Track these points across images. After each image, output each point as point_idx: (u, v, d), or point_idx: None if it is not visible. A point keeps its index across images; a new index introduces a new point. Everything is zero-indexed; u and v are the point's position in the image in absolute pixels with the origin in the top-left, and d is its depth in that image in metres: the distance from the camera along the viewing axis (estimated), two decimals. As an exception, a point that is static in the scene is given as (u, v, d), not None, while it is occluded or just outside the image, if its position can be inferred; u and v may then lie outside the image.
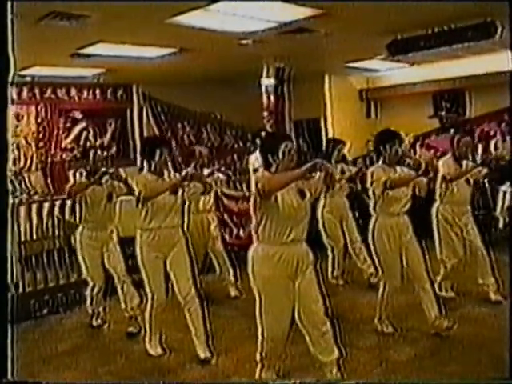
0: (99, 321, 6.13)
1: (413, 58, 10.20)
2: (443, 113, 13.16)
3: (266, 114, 11.55)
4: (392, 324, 5.52)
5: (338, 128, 13.15)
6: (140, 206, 5.02)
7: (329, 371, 4.17)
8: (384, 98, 13.98)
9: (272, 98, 11.48)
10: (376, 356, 5.00)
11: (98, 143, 12.16)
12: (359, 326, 5.62)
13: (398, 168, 5.38)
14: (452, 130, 11.96)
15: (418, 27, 8.38)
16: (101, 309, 6.10)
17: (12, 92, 7.55)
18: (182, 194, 5.12)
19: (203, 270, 6.67)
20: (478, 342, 5.20)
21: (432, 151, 11.59)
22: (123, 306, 5.89)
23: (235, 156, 12.79)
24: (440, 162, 6.49)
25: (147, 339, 5.24)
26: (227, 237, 8.32)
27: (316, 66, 11.42)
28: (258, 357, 4.28)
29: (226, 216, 8.54)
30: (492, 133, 11.73)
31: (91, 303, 6.08)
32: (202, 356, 5.00)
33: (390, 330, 5.48)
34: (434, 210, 6.53)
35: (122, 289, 5.87)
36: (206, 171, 6.59)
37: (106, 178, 5.74)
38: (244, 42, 8.81)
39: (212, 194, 6.64)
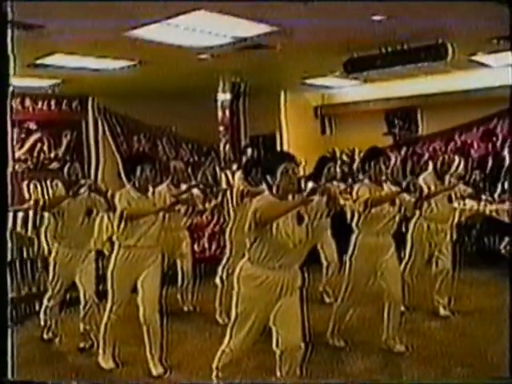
0: (50, 334, 6.00)
1: (367, 76, 10.41)
2: (396, 130, 13.37)
3: (221, 128, 11.62)
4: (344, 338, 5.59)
5: (294, 144, 13.23)
6: (123, 222, 4.91)
7: None
8: (339, 115, 14.12)
9: (228, 112, 11.55)
10: (328, 370, 5.05)
11: (52, 155, 12.02)
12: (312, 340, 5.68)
13: (385, 186, 5.36)
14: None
15: (373, 46, 8.54)
16: (53, 321, 5.96)
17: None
18: (164, 214, 5.09)
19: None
20: (428, 355, 5.31)
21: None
22: (81, 324, 5.72)
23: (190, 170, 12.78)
24: (421, 178, 6.61)
25: (101, 352, 5.19)
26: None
27: (272, 81, 11.50)
28: (214, 368, 4.17)
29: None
30: (444, 150, 11.99)
31: (45, 314, 5.90)
32: (155, 373, 4.97)
33: (342, 344, 5.54)
34: (411, 224, 6.62)
35: (85, 307, 5.62)
36: (183, 187, 6.51)
37: (83, 191, 5.53)
38: (202, 56, 8.84)
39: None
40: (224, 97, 11.48)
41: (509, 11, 4.22)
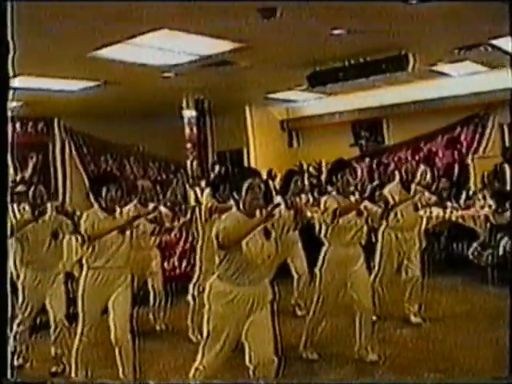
0: (21, 360, 5.89)
1: (331, 88, 10.52)
2: (363, 141, 13.51)
3: (189, 145, 11.64)
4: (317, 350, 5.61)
5: (261, 158, 13.32)
6: (86, 243, 4.84)
7: None
8: (305, 128, 14.24)
9: (194, 129, 11.58)
10: (302, 383, 5.07)
11: (18, 177, 11.90)
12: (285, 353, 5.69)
13: (352, 198, 5.37)
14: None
15: (335, 59, 8.66)
16: (24, 347, 5.87)
17: None
18: (131, 233, 5.03)
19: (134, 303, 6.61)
20: (400, 363, 5.36)
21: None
22: (52, 348, 5.64)
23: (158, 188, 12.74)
24: (386, 188, 6.69)
25: (73, 375, 5.12)
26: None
27: (237, 97, 11.61)
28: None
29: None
30: (410, 159, 12.12)
31: (15, 340, 5.80)
32: (129, 395, 4.93)
33: (315, 357, 5.57)
34: (379, 234, 6.67)
35: (55, 331, 5.53)
36: (150, 206, 6.45)
37: (50, 213, 5.48)
38: (166, 74, 8.88)
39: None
40: (190, 114, 11.50)
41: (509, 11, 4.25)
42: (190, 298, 6.43)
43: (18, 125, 11.96)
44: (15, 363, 5.78)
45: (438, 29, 7.11)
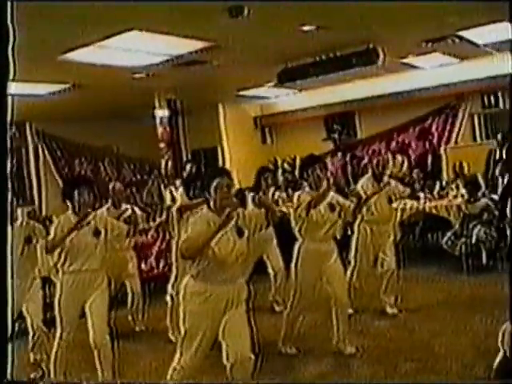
0: None
1: (302, 84, 10.57)
2: (336, 135, 13.56)
3: (162, 145, 11.62)
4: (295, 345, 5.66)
5: (236, 155, 13.35)
6: (57, 249, 4.83)
7: None
8: (278, 124, 14.29)
9: (167, 129, 11.56)
10: (281, 377, 5.11)
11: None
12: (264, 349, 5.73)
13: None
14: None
15: (305, 55, 8.70)
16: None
17: None
18: (106, 235, 5.02)
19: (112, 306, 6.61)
20: (378, 354, 5.43)
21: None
22: (31, 354, 5.63)
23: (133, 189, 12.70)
24: (359, 182, 6.75)
25: (52, 379, 5.11)
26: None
27: (209, 95, 11.62)
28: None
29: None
30: (383, 151, 12.23)
31: None
32: (109, 397, 4.94)
33: (294, 351, 5.62)
34: (355, 228, 6.73)
35: (33, 336, 5.52)
36: (124, 207, 6.50)
37: (22, 219, 5.49)
38: (137, 75, 8.87)
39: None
40: (162, 114, 11.48)
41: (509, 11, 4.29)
42: (168, 298, 6.44)
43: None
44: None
45: (405, 22, 7.18)
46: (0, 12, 3.38)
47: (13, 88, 8.72)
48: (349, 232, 7.04)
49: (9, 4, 3.39)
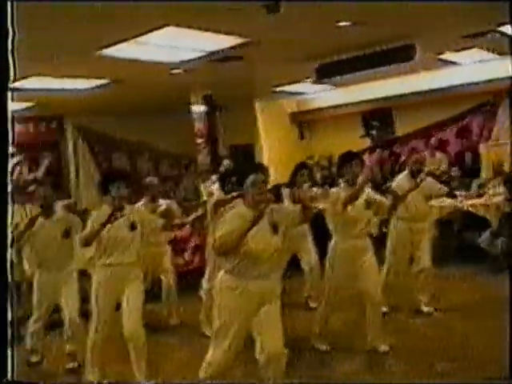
0: (37, 357, 5.90)
1: (340, 80, 10.52)
2: (374, 132, 13.48)
3: (199, 141, 11.69)
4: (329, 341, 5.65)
5: (273, 151, 13.33)
6: (96, 241, 4.90)
7: None
8: (315, 120, 14.23)
9: (204, 125, 11.62)
10: (314, 374, 5.11)
11: (30, 177, 12.00)
12: (297, 345, 5.73)
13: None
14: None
15: (342, 51, 8.65)
16: (40, 344, 5.94)
17: None
18: (142, 229, 5.07)
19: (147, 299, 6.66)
20: (413, 353, 5.39)
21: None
22: (67, 345, 5.72)
23: (170, 184, 12.81)
24: (395, 180, 6.70)
25: (87, 372, 5.17)
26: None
27: (245, 91, 11.63)
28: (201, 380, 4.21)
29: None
30: (421, 149, 12.10)
31: (31, 338, 5.81)
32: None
33: (327, 348, 5.60)
34: (391, 225, 6.70)
35: (69, 328, 5.59)
36: (160, 201, 6.59)
37: (60, 212, 5.59)
38: (175, 71, 8.92)
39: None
40: (199, 109, 11.54)
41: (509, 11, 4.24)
42: (202, 292, 6.48)
43: (30, 125, 12.06)
44: (32, 360, 5.90)
45: (444, 17, 7.09)
46: (0, 12, 3.39)
47: (53, 83, 8.90)
48: (384, 229, 7.00)
49: (9, 4, 3.41)
